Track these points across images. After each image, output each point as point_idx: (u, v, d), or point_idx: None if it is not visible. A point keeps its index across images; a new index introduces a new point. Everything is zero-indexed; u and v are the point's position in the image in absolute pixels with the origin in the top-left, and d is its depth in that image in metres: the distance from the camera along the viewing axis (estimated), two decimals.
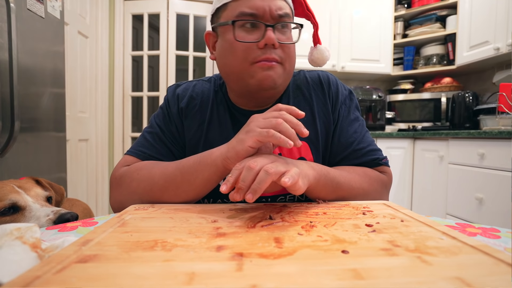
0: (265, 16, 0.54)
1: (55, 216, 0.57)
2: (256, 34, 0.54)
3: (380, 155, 0.64)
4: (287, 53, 0.56)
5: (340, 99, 0.65)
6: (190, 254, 0.28)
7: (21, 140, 1.13)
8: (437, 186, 1.96)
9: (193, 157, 0.52)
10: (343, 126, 0.64)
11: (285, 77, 0.58)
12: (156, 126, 0.65)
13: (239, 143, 0.45)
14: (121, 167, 0.60)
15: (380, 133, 2.16)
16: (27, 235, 0.28)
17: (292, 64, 0.60)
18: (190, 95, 0.65)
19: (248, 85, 0.56)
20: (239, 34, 0.54)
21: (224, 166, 0.47)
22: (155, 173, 0.53)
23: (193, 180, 0.50)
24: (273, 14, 0.54)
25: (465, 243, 0.30)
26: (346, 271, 0.25)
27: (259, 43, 0.53)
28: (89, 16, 2.21)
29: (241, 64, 0.55)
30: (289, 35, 0.58)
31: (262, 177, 0.39)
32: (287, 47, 0.56)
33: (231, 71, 0.58)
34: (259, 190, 0.38)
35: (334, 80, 0.68)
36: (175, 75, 2.50)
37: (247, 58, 0.54)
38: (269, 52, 0.53)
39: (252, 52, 0.54)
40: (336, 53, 2.43)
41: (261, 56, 0.53)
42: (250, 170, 0.40)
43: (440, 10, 2.35)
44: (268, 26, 0.53)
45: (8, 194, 0.58)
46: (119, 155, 2.49)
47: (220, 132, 0.63)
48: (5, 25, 1.03)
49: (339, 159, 0.64)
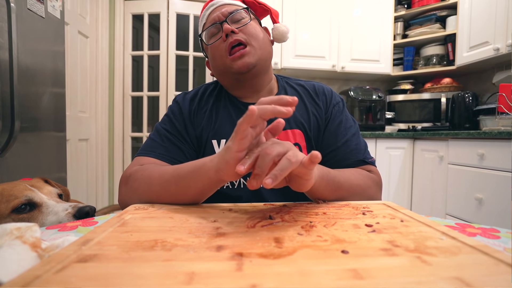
0: (219, 18, 0.68)
1: (74, 210, 0.57)
2: (219, 34, 0.67)
3: (367, 155, 0.68)
4: (248, 33, 0.66)
5: (333, 102, 0.73)
6: (190, 254, 0.28)
7: (21, 140, 1.13)
8: (436, 186, 1.96)
9: (188, 165, 0.52)
10: (334, 123, 0.70)
11: (258, 54, 0.67)
12: (162, 129, 0.68)
13: (227, 151, 0.43)
14: (133, 166, 0.60)
15: (380, 133, 2.16)
16: (27, 235, 0.28)
17: (260, 40, 0.68)
18: (200, 98, 0.73)
19: (234, 74, 0.66)
20: (209, 40, 0.69)
21: (216, 177, 0.46)
22: (154, 177, 0.54)
23: (187, 189, 0.50)
24: (224, 14, 0.67)
25: (464, 243, 0.31)
26: (346, 271, 0.25)
27: (222, 37, 0.66)
28: (89, 16, 2.21)
29: (220, 60, 0.67)
30: (245, 20, 0.68)
31: (284, 164, 0.38)
32: (245, 28, 0.67)
33: (219, 70, 0.69)
34: (280, 177, 0.37)
35: (328, 88, 0.76)
36: (175, 75, 2.50)
37: (221, 53, 0.66)
38: (230, 38, 0.65)
39: (222, 45, 0.66)
40: (336, 53, 2.43)
41: (227, 45, 0.65)
42: (267, 155, 0.39)
43: (440, 11, 2.35)
44: (221, 22, 0.66)
45: (22, 191, 0.58)
46: (119, 155, 2.49)
47: (226, 120, 0.69)
48: (6, 25, 1.03)
49: (327, 152, 0.68)
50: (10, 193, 0.56)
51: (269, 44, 0.72)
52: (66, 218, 0.56)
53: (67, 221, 0.55)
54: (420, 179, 2.11)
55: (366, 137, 2.13)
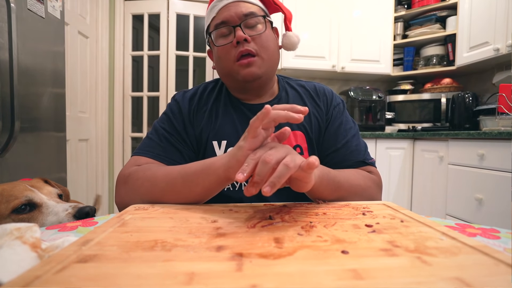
0: (232, 19, 0.63)
1: (75, 210, 0.57)
2: (230, 36, 0.64)
3: (367, 155, 0.68)
4: (260, 44, 0.64)
5: (333, 103, 0.73)
6: (190, 254, 0.28)
7: (21, 140, 1.13)
8: (436, 186, 1.96)
9: (196, 164, 0.53)
10: (335, 124, 0.70)
11: (266, 66, 0.65)
12: (160, 128, 0.67)
13: (239, 150, 0.44)
14: (131, 166, 0.60)
15: (380, 134, 2.16)
16: (27, 235, 0.28)
17: (270, 52, 0.66)
18: (199, 97, 0.72)
19: (238, 81, 0.65)
20: (218, 41, 0.66)
21: (226, 176, 0.47)
22: (158, 175, 0.54)
23: (194, 188, 0.50)
24: (239, 15, 0.63)
25: (464, 243, 0.30)
26: (346, 271, 0.25)
27: (232, 42, 0.63)
28: (89, 16, 2.21)
29: (226, 64, 0.65)
30: (259, 28, 0.65)
31: (282, 171, 0.38)
32: (259, 38, 0.64)
33: (224, 72, 0.68)
34: (278, 184, 0.37)
35: (329, 89, 0.76)
36: (175, 75, 2.50)
37: (229, 58, 0.64)
38: (241, 46, 0.62)
39: (231, 51, 0.63)
40: (336, 53, 2.43)
41: (237, 52, 0.62)
42: (266, 164, 0.38)
43: (440, 11, 2.35)
44: (235, 26, 0.63)
45: (22, 191, 0.58)
46: (119, 155, 2.49)
47: (227, 121, 0.68)
48: (6, 25, 1.03)
49: (328, 152, 0.68)
50: (10, 193, 0.56)
51: (278, 52, 0.70)
52: (66, 218, 0.56)
53: (67, 221, 0.55)
54: (420, 180, 2.11)
55: (366, 138, 2.13)
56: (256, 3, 0.67)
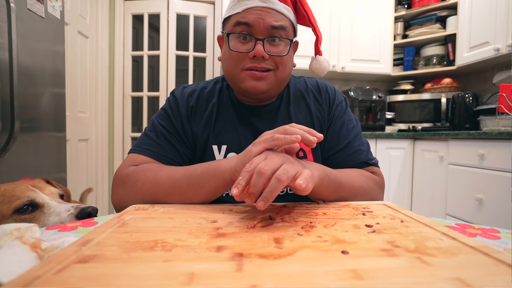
0: (258, 28, 0.58)
1: (77, 211, 0.57)
2: (249, 45, 0.59)
3: (370, 156, 0.67)
4: (278, 62, 0.61)
5: (336, 101, 0.71)
6: (190, 254, 0.28)
7: (21, 140, 1.13)
8: (437, 186, 1.96)
9: (201, 166, 0.53)
10: (337, 124, 0.69)
11: (276, 83, 0.63)
12: (159, 125, 0.66)
13: (246, 154, 0.46)
14: (128, 166, 0.59)
15: (380, 134, 2.16)
16: (27, 235, 0.28)
17: (286, 71, 0.63)
18: (198, 95, 0.70)
19: (240, 88, 0.63)
20: (234, 44, 0.60)
21: (232, 179, 0.48)
22: (161, 176, 0.54)
23: (199, 189, 0.51)
24: (266, 26, 0.58)
25: (465, 243, 0.30)
26: (346, 271, 0.25)
27: (249, 53, 0.59)
28: (89, 16, 2.21)
29: (234, 70, 0.62)
30: (282, 47, 0.61)
31: (274, 186, 0.39)
32: (278, 57, 0.60)
33: (228, 74, 0.65)
34: (271, 198, 0.38)
35: (331, 86, 0.74)
36: (175, 75, 2.50)
37: (238, 65, 0.61)
38: (257, 62, 0.59)
39: (244, 60, 0.60)
40: (336, 53, 2.43)
41: (250, 65, 0.59)
42: (261, 175, 0.39)
43: (440, 11, 2.35)
44: (258, 39, 0.58)
45: (24, 192, 0.57)
46: (119, 155, 2.49)
47: (227, 125, 0.67)
48: (5, 25, 1.03)
49: (330, 153, 0.67)
50: (12, 193, 0.56)
51: (291, 71, 0.66)
52: (68, 218, 0.56)
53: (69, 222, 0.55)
54: (420, 180, 2.11)
55: (366, 138, 2.11)
56: (288, 15, 0.61)
